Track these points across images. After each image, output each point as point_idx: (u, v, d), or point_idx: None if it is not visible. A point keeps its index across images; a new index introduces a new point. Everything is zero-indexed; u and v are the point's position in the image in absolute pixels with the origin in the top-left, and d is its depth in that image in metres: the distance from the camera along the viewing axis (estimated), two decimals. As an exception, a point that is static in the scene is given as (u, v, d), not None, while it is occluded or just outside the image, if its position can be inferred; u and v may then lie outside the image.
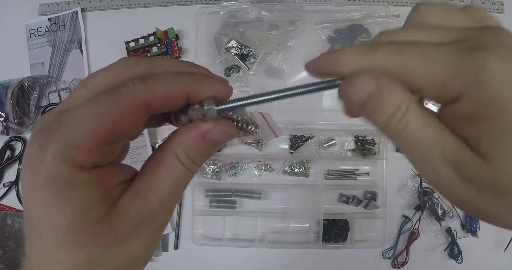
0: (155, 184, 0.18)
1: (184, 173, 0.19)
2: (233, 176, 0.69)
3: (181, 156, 0.19)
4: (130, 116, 0.17)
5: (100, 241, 0.17)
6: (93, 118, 0.16)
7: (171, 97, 0.18)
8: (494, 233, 0.66)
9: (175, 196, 0.19)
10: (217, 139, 0.19)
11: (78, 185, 0.16)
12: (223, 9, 0.70)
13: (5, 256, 0.69)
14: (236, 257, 0.68)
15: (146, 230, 0.18)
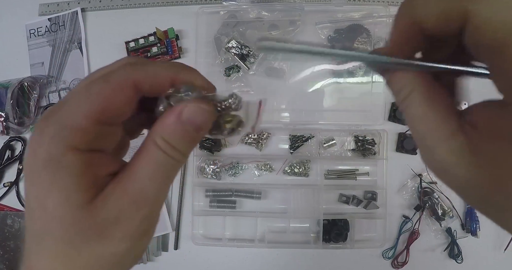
0: (135, 172, 0.18)
1: (164, 160, 0.18)
2: (233, 176, 0.69)
3: (159, 142, 0.18)
4: (120, 94, 0.18)
5: (79, 228, 0.17)
6: (87, 98, 0.17)
7: (158, 79, 0.19)
8: (494, 233, 0.66)
9: (158, 184, 0.18)
10: (193, 118, 0.18)
11: (69, 165, 0.17)
12: (223, 9, 0.70)
13: (5, 256, 0.69)
14: (236, 257, 0.68)
15: (126, 221, 0.18)
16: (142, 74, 0.18)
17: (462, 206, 0.67)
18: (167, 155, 0.18)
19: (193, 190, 0.68)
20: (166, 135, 0.18)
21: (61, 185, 0.17)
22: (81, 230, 0.17)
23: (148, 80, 0.18)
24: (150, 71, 0.19)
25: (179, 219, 0.68)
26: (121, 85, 0.18)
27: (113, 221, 0.17)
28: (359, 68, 0.68)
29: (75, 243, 0.17)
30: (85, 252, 0.17)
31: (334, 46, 0.71)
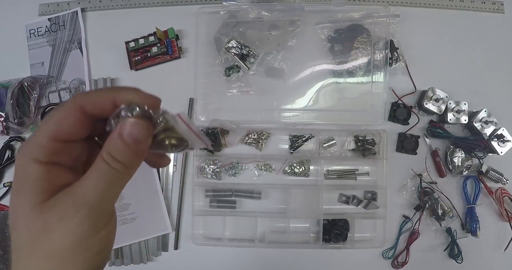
0: (82, 180, 0.22)
1: (107, 170, 0.22)
2: (233, 176, 0.69)
3: (104, 155, 0.22)
4: (70, 116, 0.22)
5: (31, 224, 0.21)
6: (45, 122, 0.22)
7: (99, 101, 0.22)
8: (494, 233, 0.66)
9: (99, 191, 0.21)
10: (131, 132, 0.21)
11: (30, 173, 0.21)
12: (223, 9, 0.70)
13: (5, 256, 0.69)
14: (236, 257, 0.68)
15: (68, 219, 0.21)
16: (85, 98, 0.22)
17: (462, 206, 0.67)
18: (109, 166, 0.22)
19: (193, 190, 0.68)
20: (110, 149, 0.22)
21: (24, 188, 0.21)
22: (34, 225, 0.21)
23: (90, 103, 0.22)
24: (92, 95, 0.23)
25: (179, 219, 0.68)
26: (69, 109, 0.22)
27: (58, 219, 0.21)
28: (359, 68, 0.68)
29: (32, 236, 0.21)
30: (39, 244, 0.21)
31: (333, 46, 0.72)
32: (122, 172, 0.22)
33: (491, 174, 0.65)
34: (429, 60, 0.70)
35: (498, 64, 0.70)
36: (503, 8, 0.72)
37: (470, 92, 0.68)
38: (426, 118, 0.69)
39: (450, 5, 0.72)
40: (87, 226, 0.21)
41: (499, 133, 0.64)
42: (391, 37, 0.68)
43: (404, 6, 0.72)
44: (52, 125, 0.22)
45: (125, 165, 0.22)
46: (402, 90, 0.69)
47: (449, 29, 0.72)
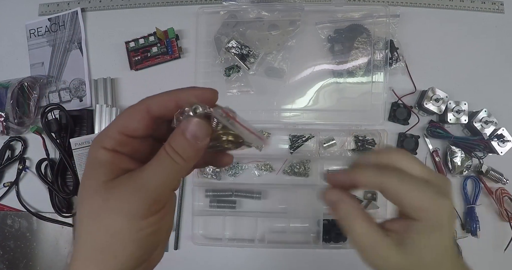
0: (144, 168, 0.24)
1: (167, 161, 0.24)
2: (233, 176, 0.69)
3: (167, 148, 0.24)
4: (136, 114, 0.25)
5: (94, 200, 0.24)
6: (117, 118, 0.26)
7: (164, 101, 0.25)
8: (494, 233, 0.66)
9: (158, 178, 0.24)
10: (191, 130, 0.23)
11: (99, 157, 0.25)
12: (223, 9, 0.70)
13: (5, 256, 0.69)
14: (236, 257, 0.68)
15: (126, 200, 0.23)
16: (151, 100, 0.25)
17: (462, 206, 0.67)
18: (170, 158, 0.24)
19: (193, 190, 0.68)
20: (172, 143, 0.24)
21: (92, 169, 0.25)
22: (96, 202, 0.24)
23: (156, 104, 0.25)
24: (157, 97, 0.25)
25: (179, 219, 0.68)
26: (137, 108, 0.25)
27: (117, 197, 0.23)
28: (359, 68, 0.68)
29: (93, 211, 0.24)
30: (98, 220, 0.23)
31: (333, 46, 0.72)
32: (181, 164, 0.24)
33: (491, 174, 0.65)
34: (429, 60, 0.70)
35: (498, 64, 0.70)
36: (503, 8, 0.72)
37: (470, 92, 0.68)
38: (426, 118, 0.69)
39: (450, 5, 0.72)
40: (141, 208, 0.23)
41: (499, 133, 0.64)
42: (391, 37, 0.69)
43: (404, 6, 0.72)
44: (121, 120, 0.25)
45: (184, 159, 0.24)
46: (402, 90, 0.69)
47: (449, 29, 0.72)
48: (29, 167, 0.71)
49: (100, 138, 0.25)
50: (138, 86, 0.72)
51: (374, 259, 0.28)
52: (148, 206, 0.24)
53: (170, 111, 0.25)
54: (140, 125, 0.25)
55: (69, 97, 0.73)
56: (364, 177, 0.29)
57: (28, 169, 0.71)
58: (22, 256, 0.69)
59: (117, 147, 0.25)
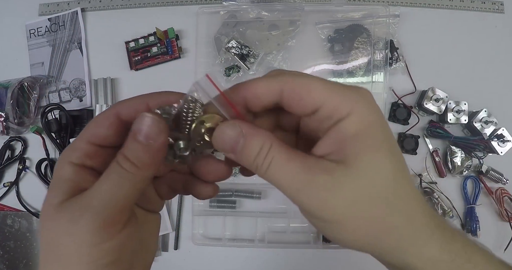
0: (94, 184, 0.21)
1: (116, 171, 0.21)
2: (233, 176, 0.69)
3: (118, 157, 0.21)
4: (105, 119, 0.23)
5: (49, 224, 0.21)
6: (86, 126, 0.23)
7: (134, 105, 0.23)
8: (494, 233, 0.66)
9: (105, 193, 0.20)
10: (141, 129, 0.20)
11: (61, 174, 0.22)
12: (223, 9, 0.70)
13: (5, 256, 0.69)
14: (236, 257, 0.68)
15: (73, 224, 0.20)
16: (121, 104, 0.23)
17: (462, 206, 0.67)
18: (119, 166, 0.21)
19: (193, 190, 0.68)
20: (124, 150, 0.21)
21: (52, 188, 0.22)
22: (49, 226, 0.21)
23: (125, 108, 0.23)
24: (127, 101, 0.23)
25: (179, 219, 0.68)
26: (106, 114, 0.23)
27: (66, 221, 0.20)
28: (359, 68, 0.68)
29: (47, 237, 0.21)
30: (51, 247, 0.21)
31: (333, 46, 0.72)
32: (132, 172, 0.21)
33: (491, 174, 0.65)
34: (429, 60, 0.70)
35: (498, 64, 0.70)
36: (503, 8, 0.72)
37: (470, 92, 0.68)
38: (426, 118, 0.69)
39: (450, 5, 0.72)
40: (89, 233, 0.20)
41: (499, 133, 0.64)
42: (391, 37, 0.69)
43: (404, 6, 0.72)
44: (89, 129, 0.23)
45: (136, 165, 0.21)
46: (402, 90, 0.69)
47: (449, 29, 0.72)
48: (29, 167, 0.71)
49: (67, 151, 0.23)
50: (138, 86, 0.72)
51: (313, 203, 0.21)
52: (97, 229, 0.20)
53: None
54: (110, 131, 0.22)
55: (69, 97, 0.73)
56: (261, 83, 0.22)
57: (28, 169, 0.71)
58: (22, 256, 0.69)
59: (85, 159, 0.22)
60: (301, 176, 0.21)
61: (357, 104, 0.21)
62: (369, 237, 0.21)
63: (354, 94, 0.21)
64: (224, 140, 0.22)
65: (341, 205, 0.20)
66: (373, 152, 0.21)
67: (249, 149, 0.21)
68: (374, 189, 0.20)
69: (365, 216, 0.21)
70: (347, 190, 0.20)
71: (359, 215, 0.21)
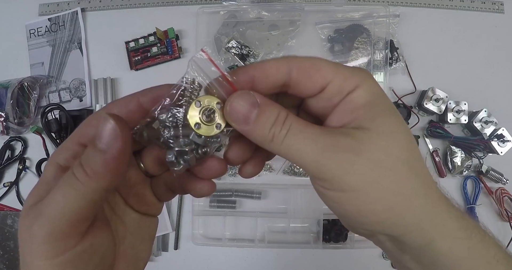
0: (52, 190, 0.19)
1: (68, 178, 0.19)
2: (233, 176, 0.69)
3: (74, 165, 0.19)
4: (95, 119, 0.22)
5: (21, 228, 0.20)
6: (77, 127, 0.22)
7: (124, 104, 0.22)
8: (494, 233, 0.65)
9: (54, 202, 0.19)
10: (97, 134, 0.19)
11: (44, 176, 0.21)
12: (223, 9, 0.70)
13: (5, 256, 0.69)
14: (236, 257, 0.68)
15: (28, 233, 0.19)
16: (113, 103, 0.22)
17: (462, 206, 0.67)
18: (72, 174, 0.19)
19: (193, 190, 0.68)
20: (81, 156, 0.19)
21: (36, 189, 0.21)
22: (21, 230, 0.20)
23: (116, 107, 0.22)
24: (118, 100, 0.22)
25: (179, 219, 0.68)
26: (97, 115, 0.22)
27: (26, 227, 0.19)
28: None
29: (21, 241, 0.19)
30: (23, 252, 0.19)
31: (333, 46, 0.72)
32: (82, 182, 0.18)
33: (491, 174, 0.65)
34: (429, 60, 0.70)
35: (498, 64, 0.70)
36: (503, 8, 0.72)
37: (470, 92, 0.68)
38: (426, 118, 0.69)
39: (450, 5, 0.72)
40: (42, 244, 0.18)
41: (499, 133, 0.64)
42: (391, 37, 0.68)
43: (404, 6, 0.72)
44: (80, 129, 0.22)
45: (86, 174, 0.18)
46: (402, 90, 0.69)
47: (449, 29, 0.72)
48: (29, 167, 0.71)
49: (56, 152, 0.22)
50: (138, 86, 0.71)
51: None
52: (48, 241, 0.18)
53: (133, 113, 0.22)
54: None
55: (69, 97, 0.73)
56: (270, 62, 0.22)
57: (28, 169, 0.71)
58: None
59: (72, 160, 0.21)
60: (323, 139, 0.20)
61: (363, 78, 0.21)
62: (391, 209, 0.20)
63: (358, 71, 0.22)
64: (237, 110, 0.20)
65: (367, 166, 0.19)
66: (388, 116, 0.21)
67: (266, 117, 0.20)
68: (396, 150, 0.20)
69: (391, 178, 0.20)
70: (371, 152, 0.20)
71: (384, 179, 0.20)
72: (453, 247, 0.21)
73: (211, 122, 0.21)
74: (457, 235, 0.21)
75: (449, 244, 0.21)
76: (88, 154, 0.19)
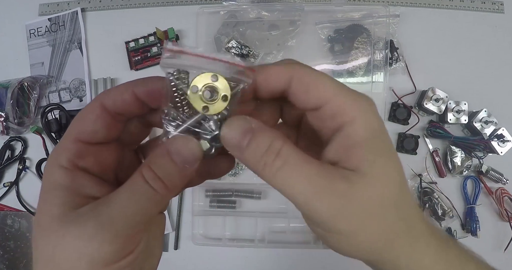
0: (112, 196, 0.19)
1: (144, 189, 0.19)
2: (233, 176, 0.69)
3: (145, 173, 0.19)
4: (90, 113, 0.21)
5: (48, 239, 0.19)
6: (71, 123, 0.21)
7: (118, 94, 0.21)
8: (494, 233, 0.66)
9: (130, 214, 0.18)
10: (180, 151, 0.19)
11: (54, 179, 0.20)
12: (223, 9, 0.70)
13: (5, 256, 0.69)
14: (236, 257, 0.68)
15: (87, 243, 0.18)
16: (105, 94, 0.21)
17: (462, 206, 0.67)
18: (148, 186, 0.19)
19: (193, 190, 0.68)
20: (153, 165, 0.19)
21: (47, 197, 0.20)
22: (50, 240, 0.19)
23: (110, 98, 0.21)
24: (111, 90, 0.22)
25: (179, 219, 0.68)
26: (90, 107, 0.21)
27: (75, 238, 0.18)
28: (359, 68, 0.68)
29: (47, 252, 0.19)
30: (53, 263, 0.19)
31: (333, 46, 0.72)
32: (162, 194, 0.19)
33: (491, 174, 0.65)
34: (429, 60, 0.70)
35: (498, 64, 0.70)
36: (503, 8, 0.72)
37: (470, 92, 0.68)
38: (426, 118, 0.69)
39: (450, 5, 0.72)
40: (106, 253, 0.18)
41: (499, 133, 0.64)
42: (391, 37, 0.68)
43: (404, 6, 0.72)
44: (75, 125, 0.21)
45: (167, 187, 0.19)
46: (402, 90, 0.69)
47: (449, 29, 0.72)
48: (29, 167, 0.71)
49: (55, 153, 0.21)
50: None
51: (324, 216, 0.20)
52: (117, 248, 0.18)
53: (129, 105, 0.21)
54: (98, 125, 0.21)
55: (69, 97, 0.73)
56: (273, 68, 0.21)
57: (28, 169, 0.71)
58: (22, 256, 0.69)
59: (76, 160, 0.20)
60: (318, 181, 0.19)
61: (362, 109, 0.21)
62: (374, 249, 0.21)
63: (359, 99, 0.21)
64: (231, 134, 0.20)
65: (357, 213, 0.19)
66: (385, 159, 0.20)
67: (258, 144, 0.19)
68: (388, 196, 0.20)
69: (377, 225, 0.20)
70: (364, 198, 0.19)
71: (371, 225, 0.20)
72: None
73: (216, 98, 0.20)
74: (435, 268, 0.22)
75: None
76: (165, 166, 0.19)
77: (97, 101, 0.21)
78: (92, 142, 0.21)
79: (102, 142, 0.22)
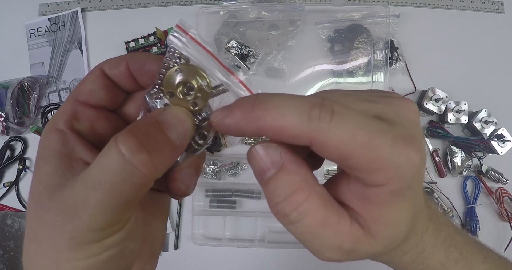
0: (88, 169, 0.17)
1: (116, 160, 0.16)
2: (233, 176, 0.69)
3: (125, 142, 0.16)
4: (90, 75, 0.22)
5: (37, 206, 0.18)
6: (72, 90, 0.22)
7: (115, 61, 0.22)
8: (494, 233, 0.66)
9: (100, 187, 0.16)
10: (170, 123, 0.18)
11: (48, 143, 0.20)
12: (223, 9, 0.70)
13: (5, 256, 0.69)
14: (236, 257, 0.68)
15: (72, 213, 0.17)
16: (104, 62, 0.22)
17: (462, 206, 0.67)
18: (123, 159, 0.16)
19: (193, 190, 0.68)
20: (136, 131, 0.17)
21: (43, 163, 0.19)
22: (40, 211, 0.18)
23: (107, 64, 0.22)
24: (109, 59, 0.22)
25: (179, 219, 0.68)
26: (92, 70, 0.22)
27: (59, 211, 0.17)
28: (359, 68, 0.68)
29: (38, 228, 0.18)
30: (41, 241, 0.17)
31: (333, 46, 0.72)
32: (143, 172, 0.16)
33: (491, 174, 0.65)
34: (429, 60, 0.70)
35: (498, 64, 0.70)
36: (503, 8, 0.72)
37: (470, 92, 0.68)
38: (426, 118, 0.69)
39: (450, 5, 0.72)
40: (84, 232, 0.17)
41: (499, 133, 0.64)
42: (391, 37, 0.68)
43: (404, 6, 0.72)
44: (76, 87, 0.22)
45: (155, 166, 0.17)
46: (402, 90, 0.69)
47: (449, 29, 0.72)
48: (29, 167, 0.71)
49: (53, 117, 0.21)
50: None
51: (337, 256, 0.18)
52: (96, 226, 0.16)
53: (122, 73, 0.21)
54: (95, 85, 0.21)
55: (69, 97, 0.73)
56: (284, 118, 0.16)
57: (28, 169, 0.71)
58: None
59: (73, 121, 0.20)
60: (343, 238, 0.18)
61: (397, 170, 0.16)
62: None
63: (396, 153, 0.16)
64: (256, 160, 0.17)
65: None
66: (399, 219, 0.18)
67: (277, 188, 0.17)
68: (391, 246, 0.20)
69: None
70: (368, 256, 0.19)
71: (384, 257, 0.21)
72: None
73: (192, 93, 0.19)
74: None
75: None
76: (154, 140, 0.17)
77: (98, 66, 0.22)
78: (90, 103, 0.21)
79: (100, 106, 0.21)
